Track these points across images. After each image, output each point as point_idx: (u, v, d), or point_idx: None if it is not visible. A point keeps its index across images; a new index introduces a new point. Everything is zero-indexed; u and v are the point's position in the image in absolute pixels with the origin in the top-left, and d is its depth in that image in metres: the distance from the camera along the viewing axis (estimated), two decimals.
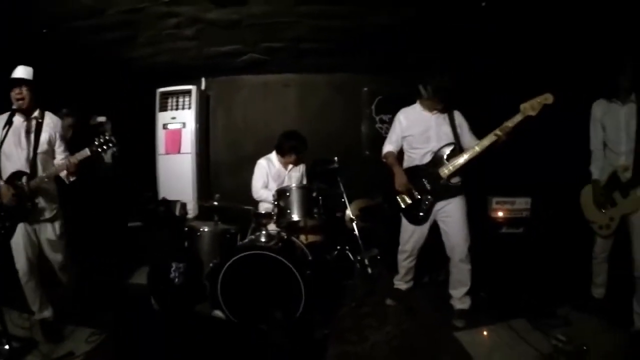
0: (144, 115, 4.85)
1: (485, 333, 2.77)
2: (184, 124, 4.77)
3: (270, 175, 3.64)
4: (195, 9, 3.19)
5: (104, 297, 3.25)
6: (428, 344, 2.66)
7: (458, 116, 2.91)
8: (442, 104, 2.84)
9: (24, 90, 2.50)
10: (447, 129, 2.85)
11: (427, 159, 2.88)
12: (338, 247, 3.68)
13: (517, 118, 2.60)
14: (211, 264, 3.08)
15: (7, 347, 2.34)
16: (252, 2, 3.07)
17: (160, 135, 4.84)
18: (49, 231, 2.67)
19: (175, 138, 4.79)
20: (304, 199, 3.20)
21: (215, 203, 3.36)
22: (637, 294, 2.53)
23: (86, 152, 2.49)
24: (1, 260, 2.61)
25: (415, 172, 2.92)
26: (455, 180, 2.85)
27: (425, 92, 2.83)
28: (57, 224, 2.71)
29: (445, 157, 2.82)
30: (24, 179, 2.49)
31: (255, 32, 3.68)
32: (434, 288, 3.40)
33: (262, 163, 3.67)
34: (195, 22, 3.46)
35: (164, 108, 4.83)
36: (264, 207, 3.55)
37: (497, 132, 2.64)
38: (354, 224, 3.58)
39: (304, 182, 3.75)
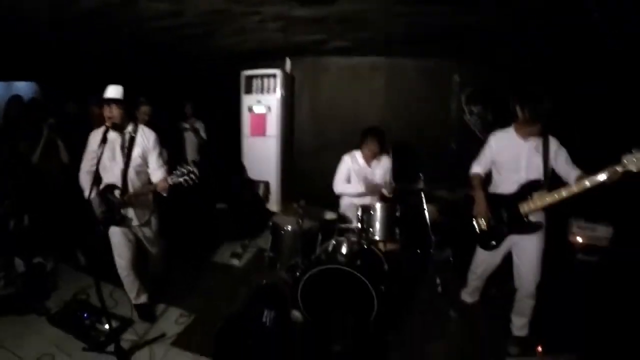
0: (229, 98, 4.93)
1: None
2: (269, 108, 4.78)
3: (354, 171, 3.60)
4: (279, 8, 3.02)
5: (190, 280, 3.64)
6: None
7: (553, 144, 2.56)
8: (539, 131, 2.53)
9: (114, 108, 2.63)
10: (538, 160, 2.56)
11: (513, 189, 2.65)
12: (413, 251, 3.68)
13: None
14: (292, 262, 3.30)
15: (106, 326, 2.55)
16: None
17: (246, 118, 4.92)
18: (146, 230, 2.95)
19: (260, 121, 4.85)
20: (387, 219, 3.22)
21: (300, 211, 3.39)
22: None
23: (178, 180, 2.51)
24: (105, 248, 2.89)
25: (496, 200, 2.75)
26: (535, 218, 2.63)
27: (522, 114, 2.51)
28: (152, 224, 2.97)
29: (529, 193, 2.58)
30: (117, 192, 2.71)
31: (343, 26, 3.42)
32: (498, 300, 3.25)
33: (345, 159, 3.64)
34: (279, 19, 3.31)
35: (249, 91, 4.87)
36: (344, 204, 3.61)
37: (601, 178, 2.24)
38: (427, 216, 3.49)
39: (389, 178, 3.60)
